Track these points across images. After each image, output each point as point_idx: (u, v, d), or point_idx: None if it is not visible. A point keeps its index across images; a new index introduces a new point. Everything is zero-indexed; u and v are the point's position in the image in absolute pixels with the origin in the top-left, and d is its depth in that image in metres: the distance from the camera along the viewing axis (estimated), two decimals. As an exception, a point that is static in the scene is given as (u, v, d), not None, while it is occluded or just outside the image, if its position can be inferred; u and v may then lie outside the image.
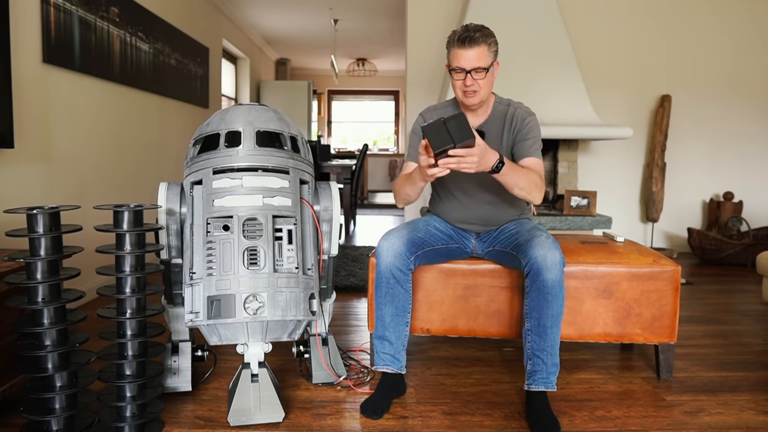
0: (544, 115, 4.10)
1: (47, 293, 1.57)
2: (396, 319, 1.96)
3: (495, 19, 4.33)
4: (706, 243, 4.46)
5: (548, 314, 1.84)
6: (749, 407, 1.95)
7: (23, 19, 2.62)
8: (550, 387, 1.86)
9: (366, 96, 11.31)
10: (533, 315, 1.86)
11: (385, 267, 1.94)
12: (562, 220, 3.96)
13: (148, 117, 4.07)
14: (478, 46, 1.91)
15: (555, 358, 1.87)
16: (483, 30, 1.94)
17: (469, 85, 1.94)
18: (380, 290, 1.96)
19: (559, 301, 1.85)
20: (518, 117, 2.05)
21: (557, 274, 1.83)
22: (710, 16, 4.86)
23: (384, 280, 1.95)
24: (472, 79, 1.93)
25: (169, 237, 1.93)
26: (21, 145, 2.60)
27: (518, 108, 2.07)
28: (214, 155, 1.84)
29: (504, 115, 2.07)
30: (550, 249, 1.84)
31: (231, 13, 6.55)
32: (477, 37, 1.91)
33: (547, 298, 1.83)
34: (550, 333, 1.85)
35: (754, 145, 4.95)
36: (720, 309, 3.22)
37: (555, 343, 1.87)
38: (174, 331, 2.05)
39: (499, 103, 2.09)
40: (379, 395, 1.92)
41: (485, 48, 1.92)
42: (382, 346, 1.98)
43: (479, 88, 1.95)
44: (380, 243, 1.97)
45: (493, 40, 1.95)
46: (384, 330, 1.97)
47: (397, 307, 1.96)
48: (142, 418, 1.68)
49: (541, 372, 1.86)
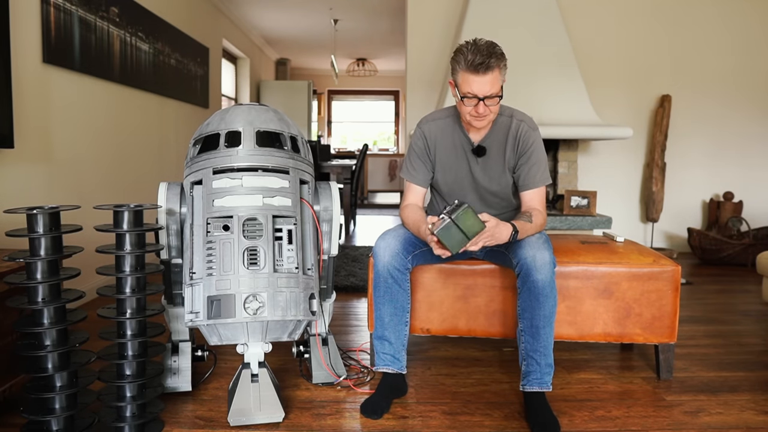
0: (544, 115, 4.11)
1: (47, 293, 1.57)
2: (395, 319, 1.96)
3: (495, 19, 4.34)
4: (706, 243, 4.46)
5: (540, 315, 1.84)
6: (749, 407, 1.95)
7: (23, 19, 2.62)
8: (545, 387, 1.86)
9: (366, 96, 11.31)
10: (526, 316, 1.86)
11: (382, 267, 1.94)
12: (562, 220, 3.96)
13: (148, 117, 4.07)
14: (491, 72, 1.80)
15: (549, 358, 1.87)
16: (495, 51, 1.81)
17: (481, 112, 1.85)
18: (378, 290, 1.96)
19: (551, 302, 1.84)
20: (522, 135, 1.96)
21: (547, 274, 1.82)
22: (710, 15, 4.86)
23: (382, 280, 1.95)
24: (485, 106, 1.83)
25: (169, 237, 1.93)
26: (21, 145, 2.60)
27: (522, 122, 1.98)
28: (214, 155, 1.84)
29: (507, 128, 1.98)
30: (540, 249, 1.83)
31: (231, 13, 6.55)
32: (492, 64, 1.79)
33: (539, 298, 1.83)
34: (543, 333, 1.85)
35: (754, 144, 4.95)
36: (720, 309, 3.22)
37: (548, 343, 1.86)
38: (174, 331, 2.05)
39: (500, 114, 1.99)
40: (380, 395, 1.92)
41: (498, 72, 1.81)
42: (382, 346, 1.98)
43: (490, 113, 1.88)
44: (377, 243, 1.97)
45: (505, 62, 1.84)
46: (383, 330, 1.97)
47: (396, 307, 1.95)
48: (142, 418, 1.68)
49: (536, 373, 1.86)
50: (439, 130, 2.04)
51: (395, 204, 9.10)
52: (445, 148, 2.04)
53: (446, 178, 2.07)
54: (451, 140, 2.03)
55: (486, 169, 2.02)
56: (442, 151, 2.04)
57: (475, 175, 2.03)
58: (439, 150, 2.04)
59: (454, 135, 2.02)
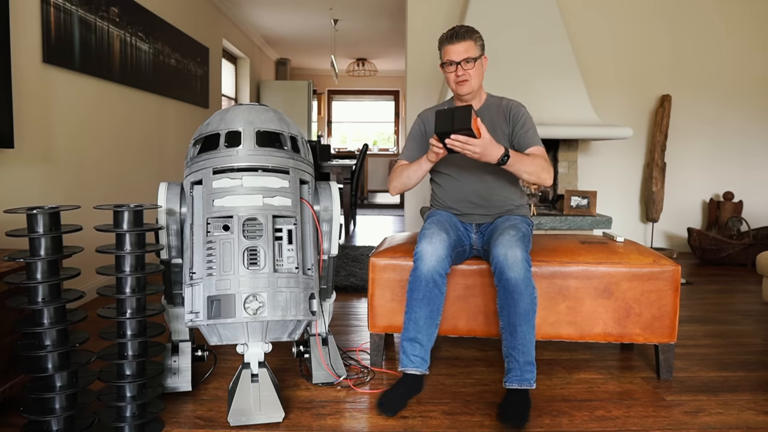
0: (544, 115, 4.11)
1: (47, 293, 1.57)
2: (429, 321, 1.96)
3: (495, 19, 4.34)
4: (706, 243, 4.46)
5: (516, 312, 1.86)
6: (749, 407, 1.95)
7: (23, 19, 2.62)
8: (526, 384, 1.87)
9: (366, 96, 11.30)
10: (503, 313, 1.90)
11: (426, 271, 1.93)
12: (562, 220, 3.96)
13: (148, 117, 4.07)
14: (465, 41, 2.10)
15: (528, 356, 1.87)
16: (469, 28, 2.13)
17: (460, 75, 2.10)
18: (417, 293, 1.95)
19: (526, 299, 1.86)
20: (513, 107, 2.20)
21: (520, 272, 1.84)
22: (710, 15, 4.86)
23: (423, 284, 1.93)
24: (463, 70, 2.10)
25: (169, 237, 1.93)
26: (21, 145, 2.60)
27: (511, 101, 2.23)
28: (214, 155, 1.84)
29: (498, 106, 2.22)
30: (511, 247, 1.87)
31: (231, 13, 6.55)
32: (463, 33, 2.11)
33: (513, 296, 1.86)
34: (520, 331, 1.87)
35: (754, 144, 4.95)
36: (720, 309, 3.22)
37: (526, 341, 1.87)
38: (174, 331, 2.05)
39: (491, 96, 2.26)
40: (398, 394, 1.91)
41: (472, 42, 2.11)
42: (412, 349, 1.96)
43: (470, 77, 2.11)
44: (423, 247, 1.95)
45: (478, 35, 2.13)
46: (417, 332, 1.95)
47: (432, 310, 1.96)
48: (142, 418, 1.68)
49: (515, 370, 1.87)
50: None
51: (395, 204, 9.10)
52: None
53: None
54: None
55: None
56: None
57: None
58: None
59: None
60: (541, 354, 2.44)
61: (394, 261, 2.21)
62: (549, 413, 1.89)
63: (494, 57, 4.29)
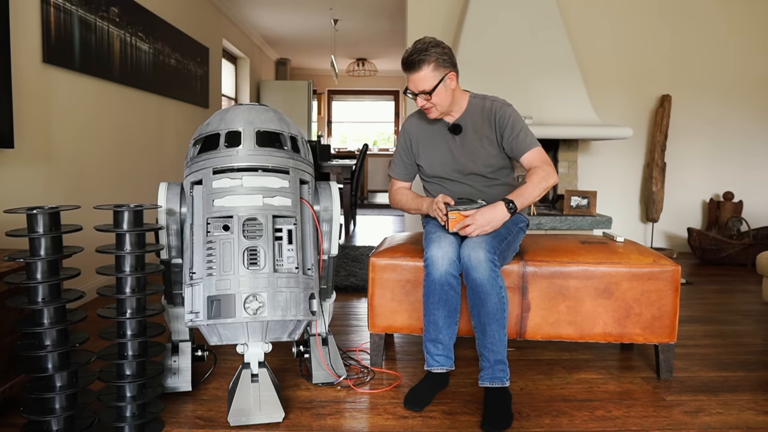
0: (544, 115, 4.11)
1: (47, 293, 1.57)
2: (448, 321, 1.98)
3: (495, 19, 4.35)
4: (706, 243, 4.46)
5: (484, 312, 1.88)
6: (749, 407, 1.95)
7: (23, 19, 2.62)
8: (497, 382, 1.88)
9: (366, 96, 11.30)
10: (473, 313, 1.92)
11: (439, 276, 1.93)
12: (562, 220, 3.96)
13: (147, 117, 4.07)
14: (418, 71, 1.96)
15: (498, 355, 1.89)
16: (426, 50, 1.94)
17: (421, 105, 2.05)
18: (433, 297, 1.96)
19: (493, 299, 1.87)
20: (497, 110, 2.09)
21: (484, 273, 1.85)
22: (711, 15, 4.86)
23: (438, 288, 1.94)
24: (422, 101, 2.02)
25: (169, 237, 1.93)
26: (21, 145, 2.60)
27: (494, 101, 2.12)
28: (214, 155, 1.84)
29: (481, 108, 2.12)
30: (475, 249, 1.87)
31: (231, 13, 6.55)
32: (415, 61, 1.95)
33: (480, 296, 1.87)
34: (489, 330, 1.88)
35: (754, 144, 4.95)
36: (720, 309, 3.22)
37: (496, 340, 1.89)
38: (174, 331, 2.05)
39: (474, 97, 2.15)
40: (425, 389, 1.96)
41: (427, 70, 1.96)
42: (435, 349, 2.00)
43: (433, 104, 2.03)
44: (433, 252, 1.94)
45: (435, 56, 1.95)
46: (438, 333, 1.98)
47: (450, 310, 1.97)
48: (142, 418, 1.68)
49: (487, 369, 1.90)
50: (420, 119, 2.23)
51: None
52: (425, 133, 2.21)
53: (430, 160, 2.19)
54: (430, 126, 2.20)
55: (464, 146, 2.15)
56: (424, 137, 2.21)
57: (454, 152, 2.16)
58: (421, 137, 2.22)
59: (433, 121, 2.17)
60: (541, 354, 2.44)
61: (394, 261, 2.21)
62: (549, 413, 1.89)
63: (494, 57, 4.30)
